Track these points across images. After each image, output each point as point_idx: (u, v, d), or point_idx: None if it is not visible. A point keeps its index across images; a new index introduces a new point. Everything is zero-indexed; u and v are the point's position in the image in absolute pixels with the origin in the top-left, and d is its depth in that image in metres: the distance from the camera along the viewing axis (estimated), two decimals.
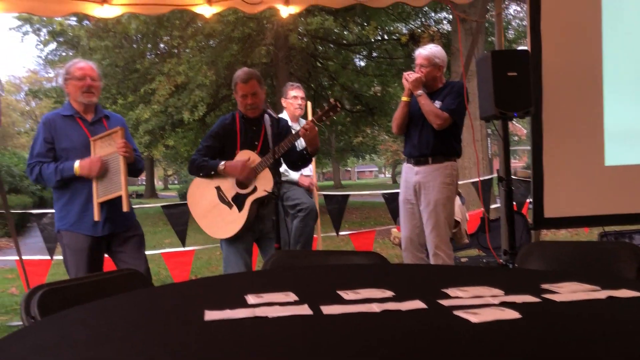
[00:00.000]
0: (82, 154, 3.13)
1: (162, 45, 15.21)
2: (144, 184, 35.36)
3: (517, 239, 3.86)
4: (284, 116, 4.62)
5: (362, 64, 17.41)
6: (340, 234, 6.22)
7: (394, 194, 5.65)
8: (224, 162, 3.33)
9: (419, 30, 14.41)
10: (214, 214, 3.40)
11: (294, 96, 4.74)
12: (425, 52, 3.82)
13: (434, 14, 15.28)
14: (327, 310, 1.27)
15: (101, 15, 4.23)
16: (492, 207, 7.06)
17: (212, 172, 3.37)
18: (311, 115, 4.84)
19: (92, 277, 1.88)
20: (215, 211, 3.39)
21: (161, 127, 14.10)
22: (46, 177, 3.11)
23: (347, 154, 33.34)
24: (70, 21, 14.72)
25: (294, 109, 4.73)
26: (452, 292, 1.42)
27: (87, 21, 14.25)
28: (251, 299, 1.39)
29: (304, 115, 4.84)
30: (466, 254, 5.58)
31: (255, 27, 12.41)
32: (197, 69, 12.61)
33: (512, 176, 3.92)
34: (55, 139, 3.15)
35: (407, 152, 3.93)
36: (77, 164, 3.09)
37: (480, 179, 5.92)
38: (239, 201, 3.34)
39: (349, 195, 6.29)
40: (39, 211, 5.61)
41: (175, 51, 14.09)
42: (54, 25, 14.83)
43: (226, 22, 11.74)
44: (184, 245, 5.62)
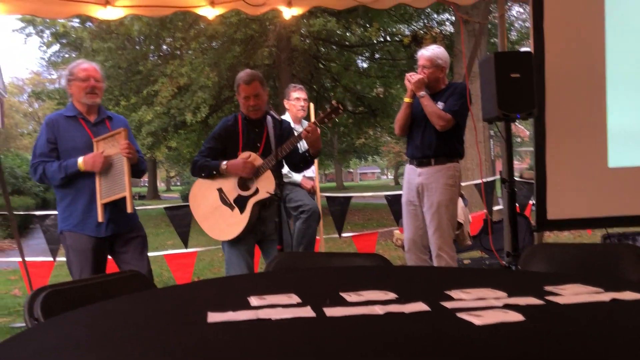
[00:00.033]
0: (85, 155, 3.14)
1: (164, 46, 15.23)
2: (147, 185, 35.37)
3: (520, 241, 3.85)
4: (287, 118, 4.62)
5: (365, 65, 17.41)
6: (342, 235, 6.22)
7: (396, 196, 5.64)
8: (225, 162, 3.34)
9: (421, 31, 14.41)
10: (216, 216, 3.40)
11: (297, 98, 4.74)
12: (427, 53, 3.82)
13: (436, 16, 15.26)
14: (330, 312, 1.27)
15: (104, 17, 4.24)
16: (494, 208, 7.05)
17: (214, 172, 3.38)
18: (314, 116, 4.84)
19: (95, 279, 1.88)
20: (217, 213, 3.40)
21: (164, 129, 14.12)
22: (50, 175, 3.12)
23: (350, 155, 33.31)
24: (73, 23, 14.77)
25: (297, 110, 4.72)
26: (455, 294, 1.42)
27: (90, 23, 14.29)
28: (254, 301, 1.39)
29: (307, 116, 4.84)
30: (469, 255, 5.57)
31: (257, 28, 12.42)
32: (200, 70, 12.62)
33: (519, 178, 3.92)
34: (58, 140, 3.16)
35: (409, 154, 3.92)
36: (80, 160, 3.10)
37: (483, 180, 5.91)
38: (241, 203, 3.34)
39: (351, 196, 6.29)
40: (42, 213, 5.61)
41: (177, 53, 14.10)
42: (57, 27, 14.87)
43: (229, 24, 11.75)
44: (186, 246, 5.63)
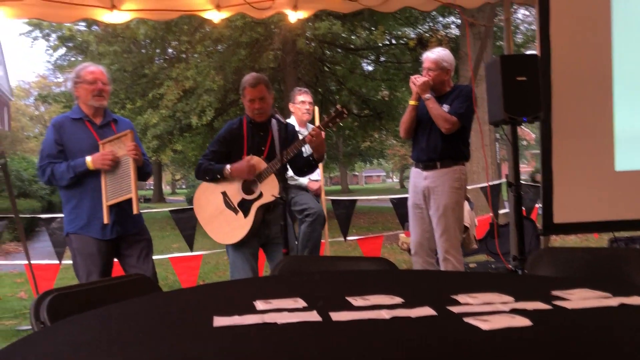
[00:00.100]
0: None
1: (170, 50, 15.28)
2: (152, 188, 35.46)
3: (526, 244, 3.83)
4: (292, 121, 4.62)
5: (370, 68, 17.42)
6: (348, 239, 6.21)
7: (401, 199, 5.64)
8: (229, 166, 3.34)
9: (427, 34, 14.40)
10: (220, 220, 3.40)
11: (302, 101, 4.74)
12: (433, 55, 3.82)
13: (442, 19, 15.26)
14: (336, 317, 1.26)
15: (110, 20, 4.25)
16: (500, 212, 7.03)
17: (218, 176, 3.38)
18: (318, 120, 4.84)
19: (101, 282, 1.88)
20: (221, 217, 3.40)
21: (169, 132, 14.15)
22: (59, 176, 3.13)
23: (355, 158, 33.28)
24: (79, 26, 14.83)
25: (302, 113, 4.73)
26: (461, 298, 1.41)
27: (96, 26, 14.36)
28: (260, 305, 1.38)
29: (312, 120, 4.84)
30: (475, 259, 5.55)
31: (263, 32, 12.44)
32: (205, 73, 12.65)
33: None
34: (64, 142, 3.18)
35: (415, 157, 3.91)
36: (89, 158, 3.12)
37: (489, 183, 5.89)
38: (245, 207, 3.34)
39: (356, 200, 6.28)
40: (48, 216, 5.64)
41: (183, 56, 14.14)
42: (63, 30, 14.95)
43: (234, 27, 11.77)
44: (191, 249, 5.63)
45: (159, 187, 33.11)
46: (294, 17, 4.42)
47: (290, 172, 3.72)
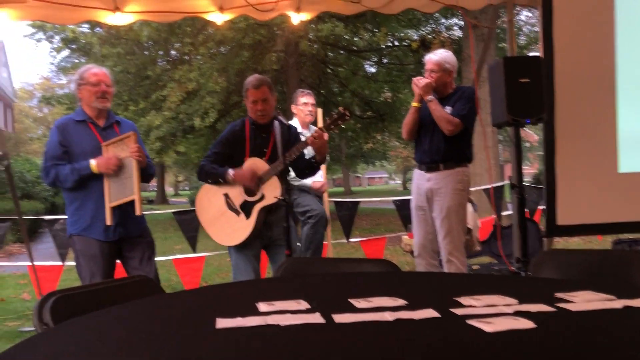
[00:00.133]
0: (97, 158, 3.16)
1: (173, 52, 15.30)
2: (155, 190, 35.51)
3: (530, 246, 3.82)
4: (295, 123, 4.62)
5: (373, 70, 17.41)
6: (350, 240, 6.21)
7: (404, 201, 5.63)
8: (232, 171, 3.33)
9: (429, 36, 14.40)
10: (222, 221, 3.40)
11: (304, 103, 4.74)
12: (435, 57, 3.81)
13: (444, 20, 15.25)
14: (339, 319, 1.26)
15: (113, 22, 4.26)
16: (503, 214, 7.02)
17: (220, 180, 3.38)
18: (321, 122, 4.84)
19: (104, 284, 1.89)
20: (222, 218, 3.40)
21: (172, 134, 14.18)
22: (63, 178, 3.13)
23: (357, 160, 33.26)
24: (82, 28, 14.84)
25: (304, 115, 4.73)
26: (465, 300, 1.41)
27: (99, 28, 14.36)
28: (263, 306, 1.38)
29: (315, 121, 4.84)
30: (478, 261, 5.54)
31: (266, 33, 12.45)
32: (208, 75, 12.67)
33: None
34: (67, 144, 3.18)
35: (418, 158, 3.91)
36: (93, 162, 3.12)
37: (492, 185, 5.88)
38: (247, 208, 3.34)
39: (359, 201, 6.28)
40: (51, 217, 5.65)
41: (186, 58, 14.16)
42: (67, 32, 14.94)
43: (237, 29, 11.79)
44: (194, 251, 5.63)
45: (162, 188, 33.15)
46: (297, 19, 4.43)
47: (292, 174, 3.72)
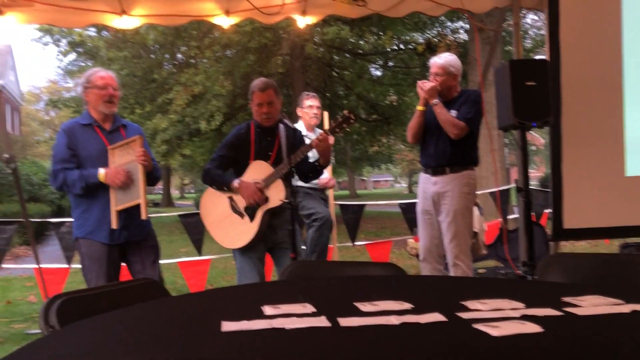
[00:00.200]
0: (100, 163, 3.16)
1: (179, 55, 15.34)
2: (161, 192, 35.61)
3: (536, 250, 3.81)
4: (300, 125, 4.63)
5: (378, 73, 17.40)
6: (356, 244, 6.20)
7: (410, 204, 5.62)
8: (237, 181, 3.34)
9: (435, 39, 14.38)
10: (226, 224, 3.40)
11: (310, 105, 4.74)
12: (440, 60, 3.81)
13: (450, 24, 15.23)
14: (344, 322, 1.25)
15: (120, 26, 4.28)
16: (509, 217, 6.99)
17: (224, 189, 3.38)
18: (327, 125, 4.84)
19: (110, 286, 1.89)
20: (227, 221, 3.40)
21: (178, 137, 14.21)
22: (71, 183, 3.14)
23: (363, 163, 33.21)
24: (89, 32, 14.92)
25: (310, 118, 4.73)
26: (471, 304, 1.40)
27: (106, 32, 14.44)
28: (268, 310, 1.38)
29: (320, 124, 4.84)
30: (484, 265, 5.52)
31: (271, 37, 12.47)
32: (214, 79, 12.70)
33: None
34: (74, 147, 3.19)
35: (423, 162, 3.90)
36: (102, 172, 3.12)
37: (498, 189, 5.86)
38: (251, 211, 3.34)
39: (364, 205, 6.27)
40: (58, 220, 5.66)
41: (192, 61, 14.20)
42: (74, 36, 15.03)
43: (243, 33, 11.81)
44: (200, 254, 5.64)
45: (167, 191, 33.23)
46: (303, 22, 4.44)
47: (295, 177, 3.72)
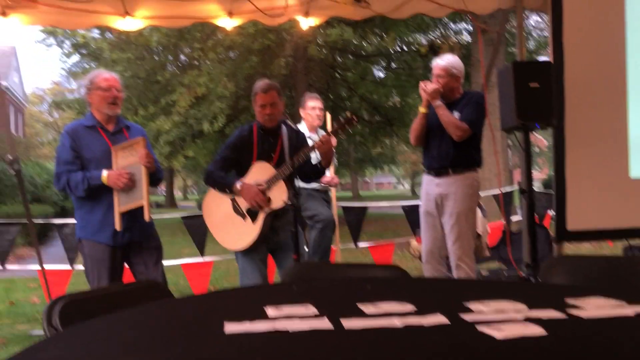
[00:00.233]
0: (104, 164, 3.17)
1: (182, 57, 15.38)
2: (164, 194, 35.66)
3: (539, 252, 3.80)
4: (302, 126, 4.63)
5: (381, 74, 17.41)
6: (359, 245, 6.19)
7: (413, 206, 5.61)
8: (240, 184, 3.34)
9: (438, 41, 14.37)
10: (228, 225, 3.40)
11: (312, 106, 4.75)
12: (442, 62, 3.80)
13: (453, 25, 15.22)
14: (347, 324, 1.25)
15: (123, 27, 4.29)
16: (513, 219, 6.98)
17: (226, 191, 3.38)
18: (330, 125, 4.84)
19: (113, 288, 1.89)
20: (229, 222, 3.40)
21: (181, 138, 14.23)
22: (73, 185, 3.15)
23: (366, 164, 33.20)
24: (93, 34, 14.96)
25: (312, 119, 4.74)
26: (474, 306, 1.40)
27: (109, 34, 14.47)
28: (271, 311, 1.38)
29: (323, 125, 4.84)
30: (487, 266, 5.52)
31: (274, 38, 12.49)
32: (217, 80, 12.72)
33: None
34: (78, 149, 3.19)
35: (426, 164, 3.90)
36: (105, 174, 3.12)
37: (501, 190, 5.85)
38: (253, 213, 3.34)
39: (367, 206, 6.26)
40: (61, 221, 5.68)
41: (195, 63, 14.23)
42: (77, 37, 15.05)
43: (246, 34, 11.83)
44: (202, 255, 5.64)
45: (170, 192, 33.27)
46: (306, 24, 4.44)
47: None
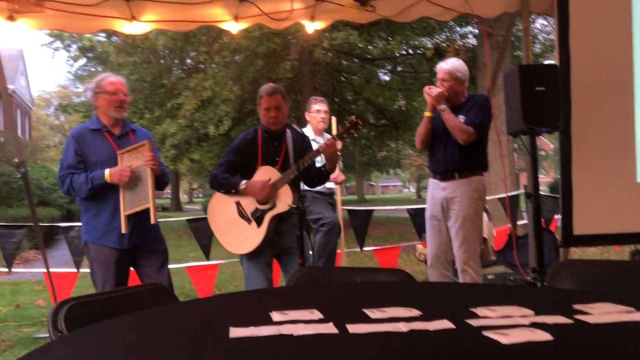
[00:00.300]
0: (110, 167, 3.17)
1: (188, 60, 15.42)
2: (170, 197, 35.73)
3: (546, 256, 3.78)
4: (308, 130, 4.63)
5: (387, 78, 17.41)
6: (364, 249, 6.18)
7: (419, 209, 5.60)
8: (244, 182, 3.34)
9: (444, 44, 14.37)
10: (233, 229, 3.40)
11: (317, 110, 4.75)
12: (447, 66, 3.79)
13: (459, 29, 15.22)
14: (353, 329, 1.25)
15: (130, 31, 4.30)
16: (519, 223, 6.95)
17: (232, 191, 3.38)
18: (335, 129, 4.84)
19: (118, 291, 1.89)
20: (234, 226, 3.39)
21: (187, 141, 14.28)
22: (77, 187, 3.15)
23: (371, 168, 33.15)
24: (99, 37, 15.03)
25: (317, 122, 4.74)
26: (480, 311, 1.39)
27: (115, 37, 14.53)
28: (276, 316, 1.37)
29: (329, 128, 4.84)
30: (493, 271, 5.49)
31: (280, 42, 12.51)
32: (223, 84, 12.75)
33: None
34: (83, 153, 3.20)
35: (432, 168, 3.89)
36: (107, 172, 3.13)
37: (507, 194, 5.83)
38: (258, 217, 3.34)
39: (373, 210, 6.25)
40: (67, 224, 5.69)
41: (201, 66, 14.27)
42: (84, 41, 15.13)
43: (252, 38, 11.86)
44: (208, 259, 5.64)
45: (176, 196, 33.32)
46: (311, 27, 4.44)
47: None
